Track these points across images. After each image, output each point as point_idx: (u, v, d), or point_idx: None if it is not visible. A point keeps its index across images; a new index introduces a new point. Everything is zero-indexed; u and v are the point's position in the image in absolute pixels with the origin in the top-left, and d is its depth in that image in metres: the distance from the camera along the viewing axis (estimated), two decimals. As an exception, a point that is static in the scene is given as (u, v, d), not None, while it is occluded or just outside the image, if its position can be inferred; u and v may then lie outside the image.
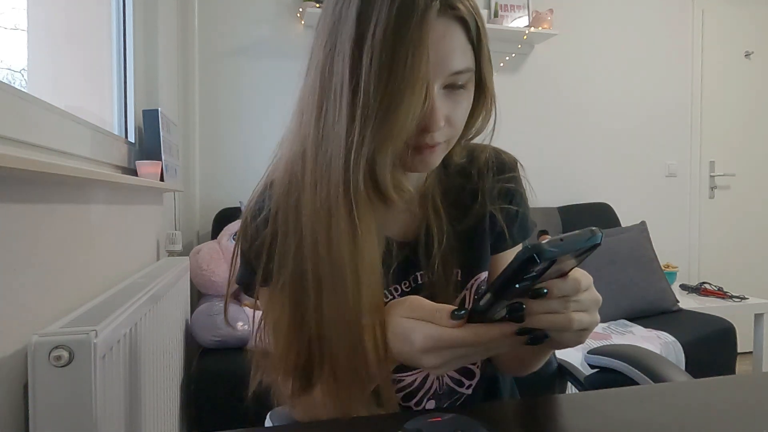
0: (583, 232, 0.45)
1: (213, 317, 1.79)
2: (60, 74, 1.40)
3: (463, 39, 0.57)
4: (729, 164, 3.32)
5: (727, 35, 3.32)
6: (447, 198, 0.72)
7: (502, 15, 2.81)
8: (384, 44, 0.53)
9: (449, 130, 0.61)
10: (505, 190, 0.74)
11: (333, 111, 0.56)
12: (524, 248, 0.43)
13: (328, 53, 0.57)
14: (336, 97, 0.56)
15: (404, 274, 0.70)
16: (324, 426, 0.61)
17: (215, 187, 2.53)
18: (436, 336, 0.51)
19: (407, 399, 0.73)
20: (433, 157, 0.61)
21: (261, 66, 2.55)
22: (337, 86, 0.56)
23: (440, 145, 0.61)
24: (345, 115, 0.55)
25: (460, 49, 0.57)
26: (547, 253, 0.42)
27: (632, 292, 2.37)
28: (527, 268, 0.43)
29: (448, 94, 0.59)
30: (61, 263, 0.93)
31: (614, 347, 0.97)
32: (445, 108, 0.59)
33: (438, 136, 0.59)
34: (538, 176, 2.95)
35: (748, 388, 0.68)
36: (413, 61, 0.53)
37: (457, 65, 0.57)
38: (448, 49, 0.56)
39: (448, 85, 0.58)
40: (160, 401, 1.25)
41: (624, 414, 0.58)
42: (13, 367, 0.74)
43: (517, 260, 0.43)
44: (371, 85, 0.53)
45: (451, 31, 0.56)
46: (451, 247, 0.69)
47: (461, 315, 0.50)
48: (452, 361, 0.52)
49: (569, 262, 0.48)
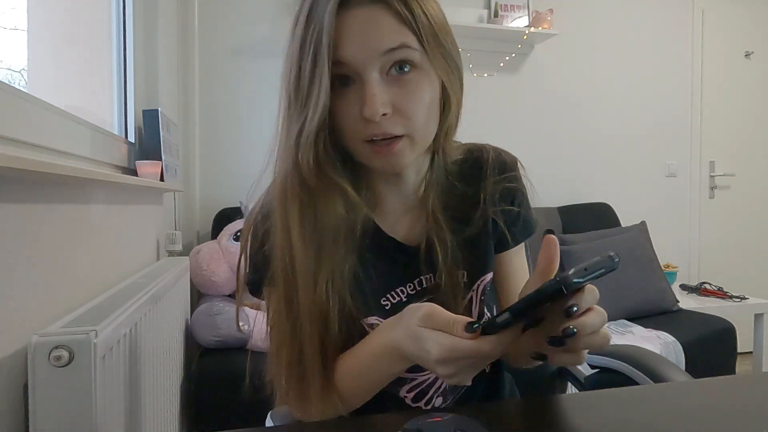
0: (603, 260, 0.46)
1: (213, 317, 1.78)
2: (60, 74, 1.40)
3: (390, 19, 0.57)
4: (729, 164, 3.32)
5: (727, 35, 3.32)
6: (447, 203, 0.72)
7: (502, 15, 2.81)
8: (296, 44, 0.58)
9: (402, 120, 0.60)
10: (507, 190, 0.74)
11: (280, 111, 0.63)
12: (552, 281, 0.44)
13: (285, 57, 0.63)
14: (281, 96, 0.62)
15: (410, 277, 0.70)
16: (324, 426, 0.61)
17: (215, 187, 2.52)
18: (451, 347, 0.51)
19: (418, 399, 0.73)
20: (395, 158, 0.61)
21: (261, 66, 2.55)
22: (285, 91, 0.62)
23: (400, 141, 0.60)
24: (280, 113, 0.62)
25: (387, 28, 0.57)
26: (574, 285, 0.44)
27: (632, 292, 2.37)
28: (553, 299, 0.45)
29: (393, 80, 0.59)
30: (61, 263, 0.93)
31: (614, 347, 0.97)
32: (388, 95, 0.58)
33: (386, 125, 0.59)
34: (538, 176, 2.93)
35: (748, 388, 0.68)
36: (313, 49, 0.56)
37: (386, 44, 0.57)
38: (372, 31, 0.57)
39: (389, 69, 0.59)
40: (160, 401, 1.25)
41: (624, 414, 0.58)
42: (13, 367, 0.74)
43: (544, 292, 0.45)
44: (291, 80, 0.59)
45: (372, 14, 0.57)
46: (454, 251, 0.69)
47: (476, 328, 0.51)
48: (466, 370, 0.53)
49: None
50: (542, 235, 0.53)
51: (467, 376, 0.54)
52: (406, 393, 0.72)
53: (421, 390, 0.73)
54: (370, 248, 0.68)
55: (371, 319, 0.68)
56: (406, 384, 0.72)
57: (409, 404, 0.73)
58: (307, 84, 0.57)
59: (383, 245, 0.69)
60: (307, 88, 0.57)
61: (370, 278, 0.68)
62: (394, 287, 0.69)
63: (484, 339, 0.51)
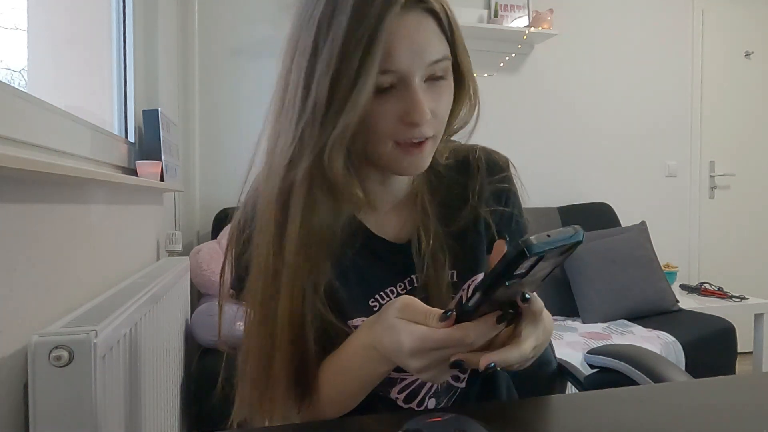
0: (566, 229, 0.45)
1: (213, 317, 1.78)
2: (60, 74, 1.40)
3: (436, 29, 0.59)
4: (729, 164, 3.32)
5: (727, 35, 3.32)
6: (436, 201, 0.72)
7: (502, 15, 2.81)
8: (341, 39, 0.55)
9: (435, 123, 0.61)
10: (498, 190, 0.74)
11: (288, 109, 0.59)
12: (515, 244, 0.43)
13: (289, 59, 0.59)
14: (292, 94, 0.58)
15: (400, 276, 0.70)
16: (324, 426, 0.61)
17: (215, 187, 2.53)
18: (423, 337, 0.50)
19: (409, 400, 0.72)
20: (422, 158, 0.62)
21: (261, 66, 2.55)
22: (293, 84, 0.58)
23: (428, 142, 0.62)
24: (297, 111, 0.57)
25: (434, 39, 0.58)
26: (536, 247, 0.43)
27: (632, 292, 2.37)
28: (517, 264, 0.44)
29: (430, 87, 0.60)
30: (61, 263, 0.93)
31: (614, 347, 0.97)
32: (429, 100, 0.59)
33: (426, 129, 0.60)
34: (538, 176, 2.96)
35: (748, 388, 0.68)
36: (366, 51, 0.54)
37: (434, 54, 0.58)
38: (423, 40, 0.57)
39: (429, 77, 0.59)
40: (160, 401, 1.25)
41: (624, 414, 0.58)
42: (13, 367, 0.74)
43: (507, 256, 0.44)
44: (324, 78, 0.55)
45: (423, 23, 0.57)
46: (443, 249, 0.69)
47: (448, 315, 0.50)
48: (439, 364, 0.52)
49: (553, 261, 0.49)
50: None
51: (440, 373, 0.53)
52: (397, 394, 0.72)
53: (412, 390, 0.72)
54: (359, 249, 0.68)
55: (357, 321, 0.67)
56: (396, 385, 0.71)
57: (401, 405, 0.72)
58: (349, 87, 0.55)
59: (371, 245, 0.69)
60: (349, 90, 0.55)
61: (358, 279, 0.68)
62: (383, 288, 0.69)
63: (458, 327, 0.49)
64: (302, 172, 0.58)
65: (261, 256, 0.62)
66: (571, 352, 1.89)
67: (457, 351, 0.51)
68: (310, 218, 0.60)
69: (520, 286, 0.49)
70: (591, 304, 2.35)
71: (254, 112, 2.55)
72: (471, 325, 0.49)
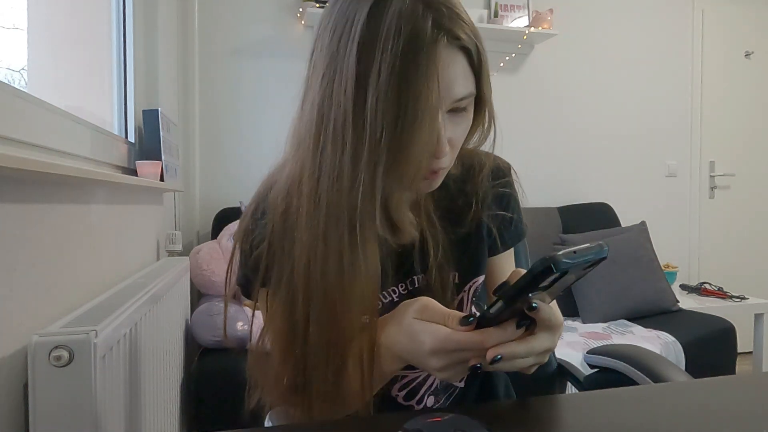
0: (593, 246, 0.47)
1: (213, 317, 1.78)
2: (60, 74, 1.40)
3: (466, 66, 0.58)
4: (729, 164, 3.32)
5: (727, 35, 3.32)
6: (440, 204, 0.72)
7: (502, 15, 2.81)
8: (390, 82, 0.53)
9: (452, 152, 0.61)
10: (500, 195, 0.76)
11: (333, 147, 0.56)
12: (541, 259, 0.45)
13: (326, 86, 0.57)
14: (337, 132, 0.56)
15: (402, 277, 0.71)
16: (324, 426, 0.61)
17: (215, 187, 2.53)
18: (444, 338, 0.52)
19: (409, 397, 0.73)
20: (436, 180, 0.63)
21: (261, 66, 2.55)
22: (338, 121, 0.56)
23: (445, 168, 0.62)
24: (349, 153, 0.55)
25: (462, 76, 0.58)
26: (563, 264, 0.44)
27: (632, 292, 2.37)
28: (543, 278, 0.45)
29: (451, 118, 0.60)
30: (61, 263, 0.93)
31: (614, 347, 0.97)
32: (449, 132, 0.59)
33: (443, 161, 0.60)
34: (538, 176, 2.96)
35: (748, 388, 0.68)
36: (423, 97, 0.53)
37: (460, 92, 0.57)
38: (452, 77, 0.56)
39: (452, 109, 0.59)
40: (160, 401, 1.25)
41: (624, 414, 0.58)
42: (13, 367, 0.74)
43: (533, 271, 0.45)
44: (377, 123, 0.53)
45: (455, 60, 0.56)
46: (446, 251, 0.70)
47: (470, 321, 0.51)
48: (457, 365, 0.53)
49: (577, 274, 0.50)
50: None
51: (458, 373, 0.54)
52: (398, 392, 0.73)
53: (413, 388, 0.73)
54: None
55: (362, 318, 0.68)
56: (398, 382, 0.72)
57: (400, 403, 0.73)
58: (413, 124, 0.53)
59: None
60: (412, 127, 0.54)
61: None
62: (387, 287, 0.70)
63: (480, 331, 0.51)
64: (375, 217, 0.57)
65: (329, 294, 0.60)
66: (571, 352, 1.90)
67: (475, 354, 0.52)
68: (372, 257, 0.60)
69: (541, 297, 0.50)
70: (591, 304, 2.35)
71: (254, 112, 2.55)
72: (493, 330, 0.50)
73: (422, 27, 0.53)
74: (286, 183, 0.63)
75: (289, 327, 0.63)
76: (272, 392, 0.67)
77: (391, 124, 0.53)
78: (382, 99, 0.53)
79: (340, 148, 0.56)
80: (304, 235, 0.60)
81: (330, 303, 0.59)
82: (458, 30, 0.56)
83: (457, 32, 0.55)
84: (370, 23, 0.54)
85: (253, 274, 0.66)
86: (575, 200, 2.98)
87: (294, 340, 0.62)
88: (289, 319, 0.63)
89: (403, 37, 0.53)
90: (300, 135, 0.61)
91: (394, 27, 0.53)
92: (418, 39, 0.53)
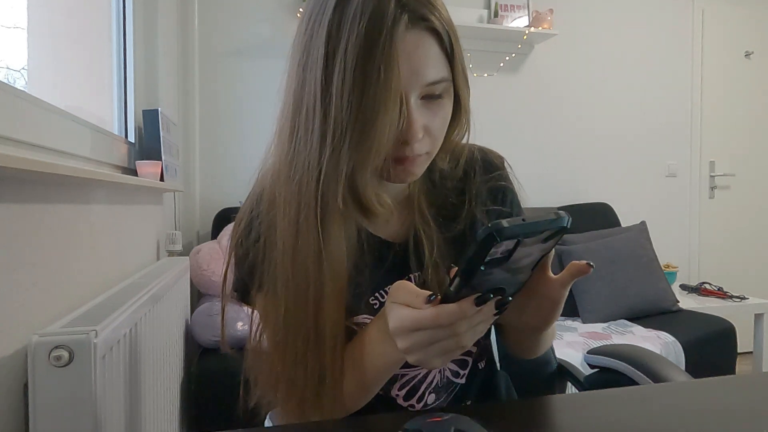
0: (547, 216, 0.44)
1: (213, 317, 1.79)
2: (60, 74, 1.40)
3: (436, 50, 0.58)
4: (729, 164, 3.32)
5: (727, 35, 3.32)
6: (434, 201, 0.72)
7: (502, 15, 2.81)
8: (354, 62, 0.54)
9: (429, 140, 0.61)
10: (494, 188, 0.75)
11: (305, 130, 0.58)
12: (483, 227, 0.42)
13: (302, 72, 0.58)
14: (308, 115, 0.57)
15: (397, 275, 0.70)
16: (324, 426, 0.61)
17: (215, 187, 2.53)
18: (403, 316, 0.51)
19: (409, 396, 0.73)
20: (414, 168, 0.62)
21: (261, 66, 2.55)
22: (309, 105, 0.57)
23: (421, 156, 0.61)
24: (317, 135, 0.56)
25: (433, 60, 0.57)
26: (506, 231, 0.42)
27: (632, 292, 2.37)
28: (489, 248, 0.43)
29: (426, 105, 0.59)
30: (61, 263, 0.93)
31: (614, 347, 0.97)
32: (423, 119, 0.59)
33: (418, 147, 0.60)
34: (538, 176, 2.96)
35: (748, 388, 0.68)
36: (385, 76, 0.53)
37: (432, 76, 0.57)
38: (421, 60, 0.56)
39: (426, 95, 0.59)
40: (160, 401, 1.25)
41: (624, 414, 0.58)
42: (13, 367, 0.74)
43: (476, 240, 0.43)
44: (343, 103, 0.54)
45: (424, 42, 0.56)
46: (441, 248, 0.70)
47: (433, 299, 0.50)
48: (424, 347, 0.51)
49: (537, 247, 0.48)
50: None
51: (429, 354, 0.52)
52: (398, 391, 0.72)
53: (412, 387, 0.73)
54: (360, 249, 0.68)
55: (360, 318, 0.68)
56: (397, 381, 0.72)
57: (400, 404, 0.72)
58: (373, 109, 0.54)
59: (370, 245, 0.70)
60: (374, 112, 0.54)
61: (360, 278, 0.68)
62: (383, 286, 0.70)
63: (440, 307, 0.49)
64: (338, 196, 0.57)
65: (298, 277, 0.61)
66: (571, 352, 1.90)
67: (442, 335, 0.50)
68: (344, 237, 0.61)
69: (509, 272, 0.48)
70: (591, 304, 2.35)
71: (254, 112, 2.56)
72: (449, 306, 0.49)
73: (385, 7, 0.54)
74: (271, 175, 0.64)
75: (276, 321, 0.63)
76: (270, 391, 0.67)
77: (355, 104, 0.54)
78: (348, 80, 0.54)
79: (310, 131, 0.57)
80: (282, 222, 0.61)
81: (302, 291, 0.60)
82: (424, 10, 0.56)
83: (422, 12, 0.56)
84: (338, 6, 0.55)
85: (249, 277, 0.66)
86: (575, 200, 2.98)
87: (282, 333, 0.63)
88: (275, 313, 0.63)
89: (366, 16, 0.54)
90: (280, 123, 0.62)
91: (360, 8, 0.54)
92: (379, 18, 0.54)
